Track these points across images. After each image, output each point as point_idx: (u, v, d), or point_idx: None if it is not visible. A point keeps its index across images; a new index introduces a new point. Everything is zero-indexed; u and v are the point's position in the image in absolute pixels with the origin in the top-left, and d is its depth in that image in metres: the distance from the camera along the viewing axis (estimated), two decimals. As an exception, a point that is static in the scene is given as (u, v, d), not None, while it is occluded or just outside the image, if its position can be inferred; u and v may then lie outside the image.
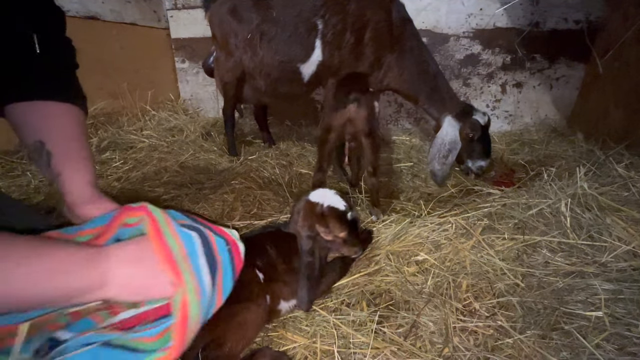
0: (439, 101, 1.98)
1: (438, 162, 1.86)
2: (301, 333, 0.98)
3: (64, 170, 0.93)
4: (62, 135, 0.94)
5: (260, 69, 2.08)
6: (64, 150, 0.94)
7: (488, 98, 2.88)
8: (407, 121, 3.01)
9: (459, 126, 1.89)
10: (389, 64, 2.01)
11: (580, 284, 1.07)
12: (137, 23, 2.78)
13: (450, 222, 1.35)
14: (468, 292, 1.09)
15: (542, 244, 1.24)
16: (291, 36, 1.96)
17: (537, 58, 2.74)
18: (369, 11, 1.93)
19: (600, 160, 1.71)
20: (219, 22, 2.11)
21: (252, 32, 2.01)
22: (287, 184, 1.89)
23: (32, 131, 0.91)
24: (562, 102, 2.80)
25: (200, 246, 0.75)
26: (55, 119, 0.94)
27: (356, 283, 1.16)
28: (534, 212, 1.36)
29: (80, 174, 0.95)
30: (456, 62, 2.79)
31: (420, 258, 1.22)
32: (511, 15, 2.63)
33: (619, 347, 0.88)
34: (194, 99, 3.25)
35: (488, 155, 1.95)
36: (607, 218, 1.27)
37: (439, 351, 0.91)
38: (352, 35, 1.94)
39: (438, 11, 2.67)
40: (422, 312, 1.02)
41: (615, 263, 1.13)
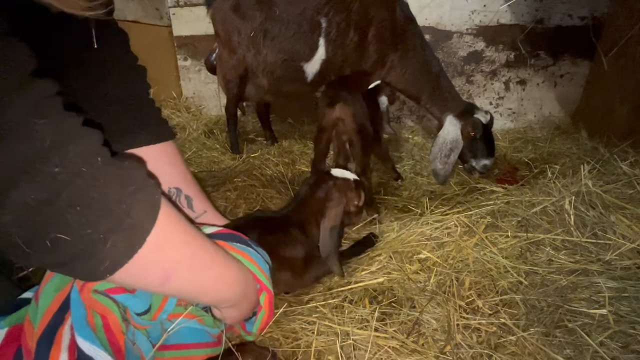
0: (441, 100, 1.97)
1: (440, 161, 1.86)
2: (302, 329, 0.98)
3: (207, 208, 1.05)
4: (184, 175, 1.01)
5: (263, 67, 2.08)
6: (197, 192, 1.03)
7: (491, 95, 2.87)
8: (409, 119, 3.00)
9: (460, 125, 1.89)
10: (392, 62, 2.00)
11: (584, 281, 1.07)
12: (139, 20, 2.78)
13: (453, 220, 1.35)
14: (471, 289, 1.09)
15: (545, 241, 1.23)
16: (295, 34, 1.96)
17: (541, 55, 2.72)
18: (373, 9, 1.92)
19: (605, 157, 1.69)
20: (222, 19, 2.11)
21: (255, 30, 2.01)
22: (290, 182, 1.89)
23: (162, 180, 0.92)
24: (566, 99, 2.78)
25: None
26: (173, 159, 0.98)
27: (358, 281, 1.16)
28: (537, 209, 1.35)
29: (216, 210, 1.09)
30: (459, 59, 2.78)
31: (423, 256, 1.22)
32: (515, 11, 2.61)
33: (623, 345, 0.88)
34: (196, 97, 3.26)
35: (492, 154, 1.94)
36: (611, 216, 1.26)
37: (441, 348, 0.91)
38: (356, 33, 1.94)
39: (441, 8, 2.65)
40: (424, 310, 1.02)
41: (620, 261, 1.13)
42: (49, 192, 0.45)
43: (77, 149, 0.48)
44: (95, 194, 0.49)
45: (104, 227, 0.49)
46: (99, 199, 0.49)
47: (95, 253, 0.50)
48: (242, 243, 0.86)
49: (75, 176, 0.47)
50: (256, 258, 0.83)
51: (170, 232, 0.59)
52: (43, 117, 0.46)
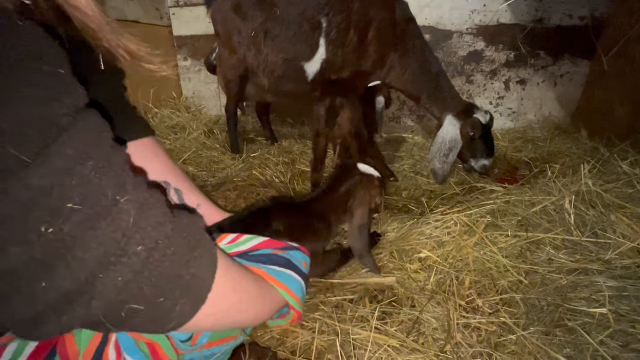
0: (441, 100, 1.98)
1: (439, 160, 1.86)
2: (302, 328, 0.98)
3: (200, 201, 1.01)
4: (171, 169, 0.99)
5: (263, 66, 2.08)
6: (187, 186, 1.00)
7: (491, 95, 2.87)
8: (409, 118, 3.00)
9: (459, 125, 1.89)
10: (392, 62, 2.01)
11: (584, 281, 1.07)
12: (139, 20, 2.77)
13: (453, 219, 1.35)
14: (471, 288, 1.09)
15: (545, 241, 1.23)
16: (295, 34, 1.96)
17: (541, 54, 2.72)
18: (373, 9, 1.93)
19: (605, 157, 1.69)
20: (222, 19, 2.11)
21: (256, 30, 2.01)
22: (290, 182, 1.89)
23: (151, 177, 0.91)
24: (566, 99, 2.78)
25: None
26: (157, 154, 0.96)
27: (358, 280, 1.16)
28: (537, 209, 1.35)
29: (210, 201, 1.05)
30: (459, 58, 2.78)
31: (423, 255, 1.22)
32: (515, 11, 2.61)
33: (623, 344, 0.88)
34: (196, 97, 3.26)
35: (491, 154, 1.95)
36: (611, 215, 1.26)
37: (442, 347, 0.91)
38: (356, 33, 1.94)
39: (441, 7, 2.65)
40: (424, 309, 1.02)
41: (620, 260, 1.13)
42: (134, 272, 0.46)
43: (152, 220, 0.48)
44: (168, 262, 0.49)
45: (176, 293, 0.50)
46: (170, 268, 0.50)
47: (164, 317, 0.51)
48: (278, 264, 0.83)
49: (152, 250, 0.48)
50: (290, 284, 0.81)
51: (224, 283, 0.59)
52: (125, 194, 0.46)
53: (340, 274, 1.22)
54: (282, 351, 0.93)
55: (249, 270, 0.71)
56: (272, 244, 0.90)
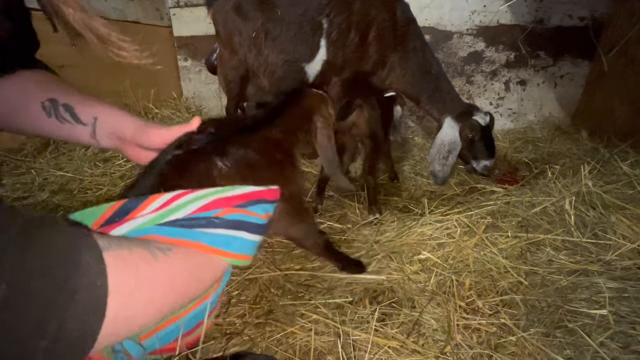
0: (440, 102, 1.98)
1: (438, 163, 1.86)
2: (302, 329, 0.98)
3: (98, 113, 0.80)
4: (62, 88, 0.81)
5: (264, 67, 2.08)
6: (81, 99, 0.81)
7: (491, 96, 2.87)
8: (409, 119, 3.00)
9: (458, 127, 1.89)
10: (392, 63, 2.01)
11: (584, 282, 1.07)
12: (140, 21, 2.78)
13: (453, 221, 1.35)
14: (471, 290, 1.09)
15: (545, 242, 1.23)
16: (296, 35, 1.96)
17: (542, 55, 2.72)
18: (374, 10, 1.93)
19: (605, 158, 1.70)
20: (223, 20, 2.11)
21: (256, 31, 2.01)
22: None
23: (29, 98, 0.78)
24: (567, 99, 2.78)
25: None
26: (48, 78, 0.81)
27: (358, 281, 1.16)
28: (537, 210, 1.35)
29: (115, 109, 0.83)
30: (459, 59, 2.78)
31: (423, 256, 1.22)
32: (515, 12, 2.61)
33: (624, 346, 0.88)
34: (196, 97, 3.26)
35: (492, 155, 1.95)
36: (611, 216, 1.26)
37: (442, 348, 0.91)
38: (357, 34, 1.94)
39: (441, 8, 2.65)
40: (424, 310, 1.02)
41: (620, 261, 1.13)
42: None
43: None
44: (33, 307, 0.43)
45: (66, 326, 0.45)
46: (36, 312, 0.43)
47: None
48: (225, 227, 0.72)
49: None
50: (233, 247, 0.71)
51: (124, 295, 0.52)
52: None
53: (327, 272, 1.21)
54: (282, 354, 0.93)
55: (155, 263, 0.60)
56: (222, 203, 0.74)
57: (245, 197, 0.77)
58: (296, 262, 1.28)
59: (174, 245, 0.64)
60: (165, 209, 0.70)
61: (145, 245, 0.59)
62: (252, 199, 0.78)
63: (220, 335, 0.99)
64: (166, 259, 0.61)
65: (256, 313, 1.06)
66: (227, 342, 0.96)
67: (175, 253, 0.63)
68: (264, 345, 0.95)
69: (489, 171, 1.97)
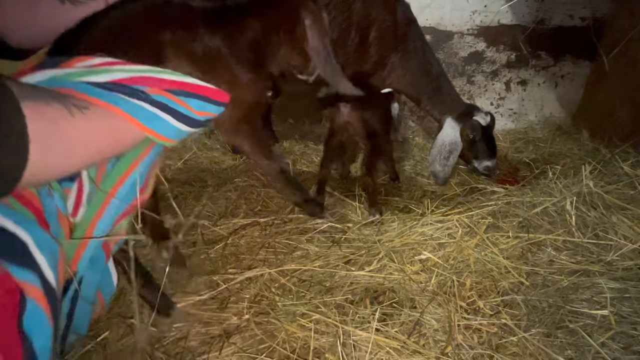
0: (441, 103, 1.97)
1: (439, 163, 1.86)
2: (302, 329, 0.98)
3: None
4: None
5: (264, 66, 2.07)
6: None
7: (492, 96, 2.86)
8: (410, 119, 3.00)
9: (459, 127, 1.89)
10: (393, 64, 2.00)
11: (585, 282, 1.07)
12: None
13: (454, 221, 1.34)
14: (472, 290, 1.09)
15: (547, 242, 1.23)
16: (295, 34, 1.96)
17: (542, 55, 2.71)
18: (374, 10, 1.92)
19: (606, 158, 1.70)
20: (223, 20, 2.11)
21: (256, 30, 2.01)
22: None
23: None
24: (568, 99, 2.78)
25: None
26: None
27: (358, 281, 1.16)
28: (538, 210, 1.35)
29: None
30: (460, 59, 2.77)
31: (424, 256, 1.22)
32: (516, 12, 2.60)
33: (625, 346, 0.88)
34: (197, 97, 3.25)
35: (493, 155, 1.94)
36: (612, 216, 1.26)
37: (442, 349, 0.91)
38: (357, 34, 1.93)
39: (442, 8, 2.65)
40: (425, 310, 1.02)
41: (621, 262, 1.13)
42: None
43: None
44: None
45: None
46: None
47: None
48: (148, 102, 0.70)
49: None
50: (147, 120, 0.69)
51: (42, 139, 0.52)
52: None
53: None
54: (282, 353, 0.92)
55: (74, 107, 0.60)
56: (152, 82, 0.71)
57: (181, 85, 0.75)
58: (297, 262, 1.27)
59: (92, 104, 0.63)
60: (89, 69, 0.68)
61: (62, 101, 0.59)
62: (189, 91, 0.76)
63: (220, 332, 0.99)
64: (83, 116, 0.60)
65: (256, 311, 1.06)
66: (227, 340, 0.96)
67: (93, 112, 0.63)
68: (264, 343, 0.95)
69: (491, 171, 1.97)
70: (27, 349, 0.50)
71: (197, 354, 0.94)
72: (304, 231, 1.44)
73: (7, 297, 0.50)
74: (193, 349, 0.96)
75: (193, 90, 0.76)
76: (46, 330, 0.54)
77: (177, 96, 0.74)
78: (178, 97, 0.74)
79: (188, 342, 0.98)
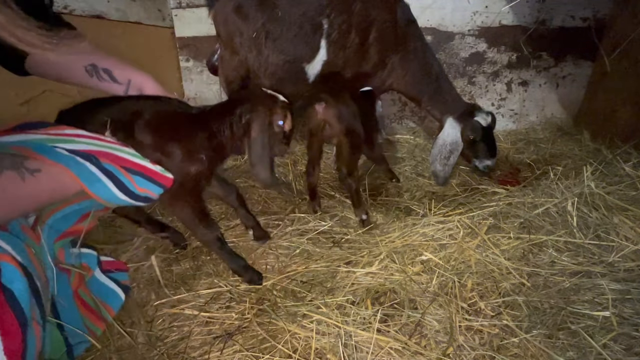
0: (442, 103, 1.97)
1: (440, 163, 1.86)
2: (304, 329, 0.98)
3: (131, 76, 1.07)
4: (96, 52, 1.06)
5: (265, 68, 2.08)
6: (115, 63, 1.07)
7: (493, 96, 2.86)
8: (411, 120, 3.00)
9: (460, 127, 1.89)
10: (393, 64, 2.01)
11: (587, 283, 1.07)
12: (142, 22, 2.78)
13: (455, 222, 1.34)
14: (473, 291, 1.09)
15: (548, 243, 1.23)
16: (296, 36, 1.96)
17: (544, 56, 2.71)
18: (374, 11, 1.92)
19: (608, 159, 1.69)
20: (224, 20, 2.11)
21: (257, 31, 2.01)
22: (292, 183, 1.89)
23: (74, 65, 1.02)
24: (569, 100, 2.77)
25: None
26: (87, 48, 1.04)
27: (360, 282, 1.16)
28: (540, 211, 1.35)
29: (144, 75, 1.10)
30: (461, 60, 2.77)
31: (425, 257, 1.22)
32: (517, 12, 2.60)
33: (627, 348, 0.88)
34: (198, 98, 3.26)
35: (494, 154, 1.94)
36: (614, 217, 1.26)
37: (444, 350, 0.91)
38: (357, 35, 1.94)
39: (443, 9, 2.64)
40: (426, 311, 1.02)
41: (623, 263, 1.12)
42: None
43: None
44: None
45: None
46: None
47: None
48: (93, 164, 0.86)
49: None
50: (83, 176, 0.85)
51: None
52: None
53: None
54: (283, 352, 0.92)
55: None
56: (112, 158, 0.89)
57: (136, 165, 0.92)
58: (299, 263, 1.27)
59: (46, 166, 0.81)
60: (59, 137, 0.86)
61: (17, 167, 0.77)
62: (138, 170, 0.93)
63: (222, 333, 0.99)
64: (33, 179, 0.78)
65: (258, 312, 1.06)
66: (229, 339, 0.96)
67: (44, 174, 0.80)
68: (266, 343, 0.95)
69: (491, 170, 1.97)
70: (7, 294, 0.68)
71: (198, 353, 0.94)
72: (305, 232, 1.44)
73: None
74: (194, 348, 0.96)
75: (142, 171, 0.94)
76: (20, 278, 0.71)
77: (127, 172, 0.91)
78: (128, 172, 0.91)
79: (189, 341, 0.98)
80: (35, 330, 0.71)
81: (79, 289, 0.95)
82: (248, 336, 0.98)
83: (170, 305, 1.09)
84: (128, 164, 0.91)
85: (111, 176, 0.88)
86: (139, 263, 1.26)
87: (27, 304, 0.70)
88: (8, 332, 0.65)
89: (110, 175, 0.88)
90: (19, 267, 0.71)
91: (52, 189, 0.82)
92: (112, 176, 0.88)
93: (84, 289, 0.97)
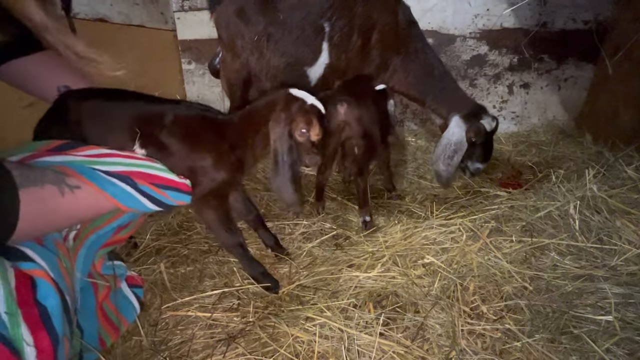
0: (447, 101, 1.96)
1: (443, 162, 1.85)
2: (307, 333, 0.98)
3: None
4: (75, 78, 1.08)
5: (266, 71, 2.08)
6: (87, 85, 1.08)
7: (495, 99, 2.86)
8: (412, 122, 3.00)
9: (465, 127, 1.88)
10: (395, 66, 2.01)
11: (589, 287, 1.06)
12: (144, 25, 2.80)
13: (457, 225, 1.34)
14: (475, 294, 1.09)
15: (550, 246, 1.23)
16: (298, 38, 1.97)
17: (545, 59, 2.71)
18: (376, 13, 1.93)
19: (610, 162, 1.69)
20: (226, 23, 2.12)
21: (258, 34, 2.02)
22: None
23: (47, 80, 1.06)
24: (571, 103, 2.77)
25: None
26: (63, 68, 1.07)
27: (362, 285, 1.16)
28: (542, 214, 1.35)
29: None
30: (463, 62, 2.78)
31: (427, 260, 1.22)
32: (518, 15, 2.60)
33: (630, 352, 0.88)
34: (200, 100, 3.27)
35: (487, 159, 1.94)
36: (616, 221, 1.25)
37: (446, 354, 0.91)
38: (359, 37, 1.94)
39: (444, 12, 2.65)
40: (429, 315, 1.02)
41: (626, 266, 1.12)
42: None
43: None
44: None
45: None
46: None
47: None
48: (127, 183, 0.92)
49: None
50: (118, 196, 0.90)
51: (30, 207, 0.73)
52: None
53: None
54: (286, 356, 0.92)
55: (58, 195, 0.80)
56: (143, 177, 0.94)
57: (167, 181, 0.99)
58: (304, 267, 1.28)
59: (85, 185, 0.85)
60: (96, 159, 0.92)
61: (57, 182, 0.80)
62: (171, 186, 0.99)
63: (225, 336, 0.99)
64: (72, 195, 0.82)
65: (261, 315, 1.06)
66: (232, 343, 0.96)
67: (83, 191, 0.84)
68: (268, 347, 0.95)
69: (479, 173, 1.96)
70: (41, 310, 0.71)
71: (201, 357, 0.95)
72: (308, 235, 1.44)
73: (22, 280, 0.71)
74: (197, 351, 0.97)
75: (173, 184, 1.00)
76: (54, 295, 0.74)
77: (160, 189, 0.97)
78: (159, 188, 0.97)
79: (192, 344, 0.98)
80: (65, 347, 0.73)
81: (103, 301, 0.99)
82: (251, 339, 0.98)
83: (174, 308, 1.10)
84: (160, 180, 0.97)
85: (146, 195, 0.95)
86: (142, 266, 1.26)
87: (59, 322, 0.72)
88: (42, 350, 0.68)
89: (146, 195, 0.94)
90: (53, 284, 0.75)
91: (88, 206, 0.87)
92: (147, 195, 0.95)
93: (108, 302, 1.00)
